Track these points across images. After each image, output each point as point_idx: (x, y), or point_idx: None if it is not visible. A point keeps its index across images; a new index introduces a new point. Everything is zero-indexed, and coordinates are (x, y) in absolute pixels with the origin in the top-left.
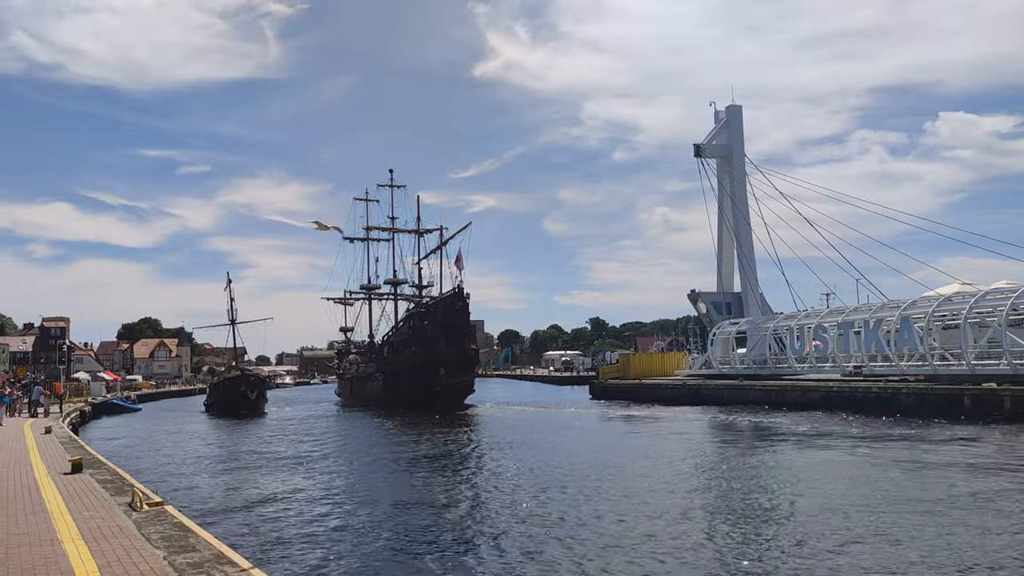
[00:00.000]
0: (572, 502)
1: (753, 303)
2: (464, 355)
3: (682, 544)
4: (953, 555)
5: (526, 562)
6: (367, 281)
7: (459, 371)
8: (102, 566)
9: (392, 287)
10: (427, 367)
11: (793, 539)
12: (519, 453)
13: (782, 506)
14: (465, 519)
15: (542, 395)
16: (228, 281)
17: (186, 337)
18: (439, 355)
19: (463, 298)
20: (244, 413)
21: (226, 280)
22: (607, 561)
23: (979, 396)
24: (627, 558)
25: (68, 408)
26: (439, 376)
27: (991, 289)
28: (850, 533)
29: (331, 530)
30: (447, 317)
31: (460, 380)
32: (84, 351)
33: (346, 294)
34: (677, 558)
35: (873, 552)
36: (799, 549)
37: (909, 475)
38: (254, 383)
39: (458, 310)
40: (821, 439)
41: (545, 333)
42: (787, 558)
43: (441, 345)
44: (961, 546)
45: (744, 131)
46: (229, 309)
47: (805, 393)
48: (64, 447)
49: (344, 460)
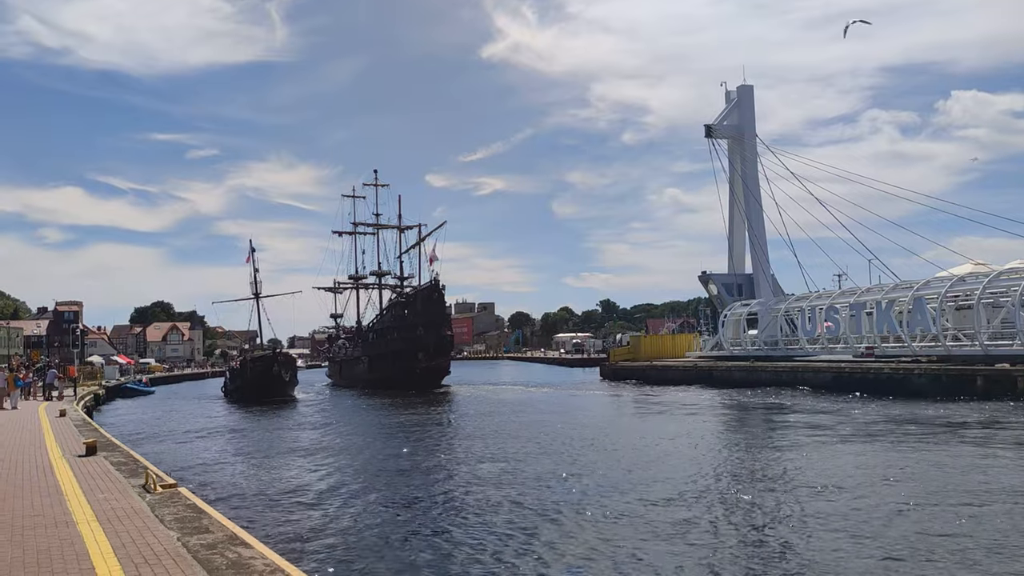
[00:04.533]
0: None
1: (764, 284)
2: (440, 341)
3: (670, 529)
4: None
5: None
6: (355, 272)
7: (436, 355)
8: (116, 547)
9: (377, 278)
10: (408, 352)
11: (812, 536)
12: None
13: (795, 494)
14: (455, 491)
15: (553, 377)
16: (251, 250)
17: (198, 320)
18: (418, 341)
19: (439, 289)
20: (275, 398)
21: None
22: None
23: (992, 376)
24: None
25: (82, 391)
26: (418, 360)
27: (1005, 269)
28: (868, 525)
29: (343, 510)
30: (425, 306)
31: (437, 363)
32: (97, 335)
33: (335, 284)
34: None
35: (893, 542)
36: (816, 541)
37: (928, 458)
38: (286, 363)
39: (435, 300)
40: (832, 420)
41: (556, 315)
42: (808, 552)
43: (420, 332)
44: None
45: (755, 111)
46: (253, 282)
47: (817, 374)
48: (78, 430)
49: (350, 442)
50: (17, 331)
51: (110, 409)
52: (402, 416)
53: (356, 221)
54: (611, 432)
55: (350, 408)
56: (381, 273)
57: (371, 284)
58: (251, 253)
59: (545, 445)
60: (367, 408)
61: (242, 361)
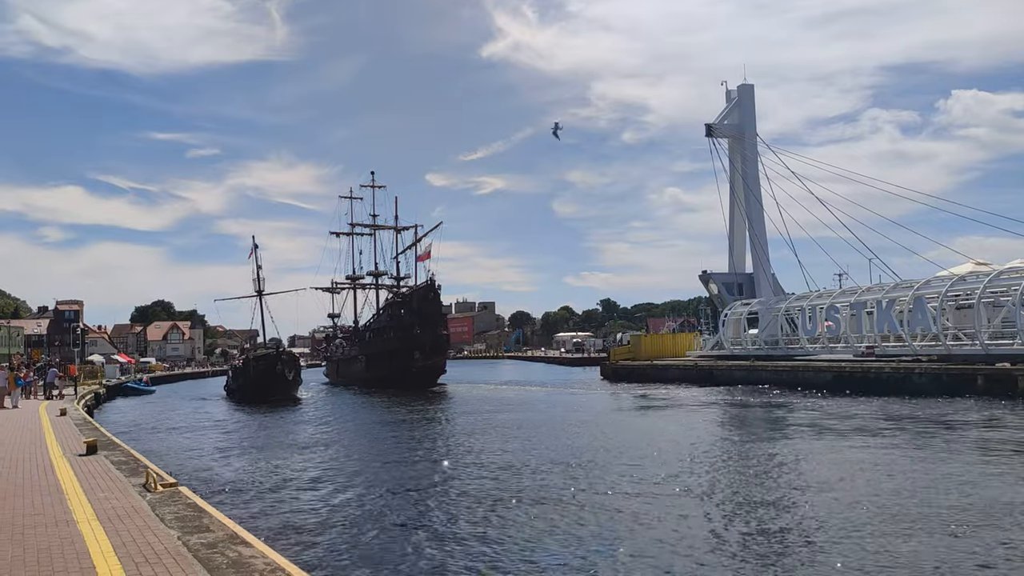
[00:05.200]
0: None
1: (765, 283)
2: (436, 340)
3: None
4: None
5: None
6: (352, 272)
7: (432, 354)
8: (117, 546)
9: (374, 278)
10: (404, 350)
11: (812, 531)
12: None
13: (795, 495)
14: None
15: (553, 376)
16: (254, 246)
17: (199, 320)
18: (415, 340)
19: (435, 289)
20: (278, 398)
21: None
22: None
23: (993, 376)
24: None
25: (83, 390)
26: (414, 359)
27: (1005, 268)
28: (867, 523)
29: (343, 508)
30: (421, 306)
31: (433, 362)
32: (98, 334)
33: (332, 284)
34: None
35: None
36: (816, 541)
37: (928, 457)
38: (290, 361)
39: (430, 300)
40: (833, 420)
41: (556, 315)
42: (807, 551)
43: (416, 331)
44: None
45: (755, 110)
46: (256, 279)
47: (817, 374)
48: (79, 429)
49: (350, 441)
50: (18, 330)
51: (111, 408)
52: (401, 415)
53: (353, 222)
54: (610, 431)
55: (349, 406)
56: (378, 273)
57: (368, 284)
58: (254, 249)
59: (545, 443)
60: (365, 406)
61: (245, 360)
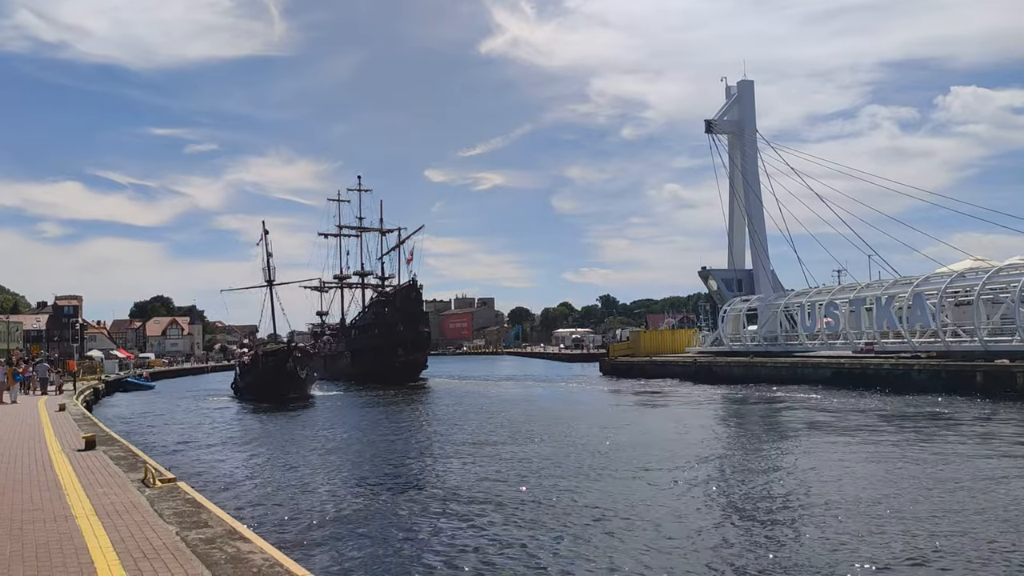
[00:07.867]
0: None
1: (764, 280)
2: (418, 337)
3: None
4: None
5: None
6: (339, 272)
7: (414, 350)
8: (115, 542)
9: (360, 277)
10: (387, 347)
11: (812, 531)
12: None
13: (793, 492)
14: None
15: (552, 372)
16: (264, 232)
17: (198, 315)
18: (397, 337)
19: (417, 289)
20: (292, 397)
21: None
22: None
23: (992, 372)
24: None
25: (82, 386)
26: (397, 355)
27: (1004, 265)
28: (865, 519)
29: (342, 503)
30: (404, 305)
31: (415, 357)
32: (97, 329)
33: (321, 282)
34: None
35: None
36: (817, 541)
37: (927, 453)
38: (303, 358)
39: (412, 299)
40: (831, 416)
41: (555, 311)
42: (807, 552)
43: (399, 328)
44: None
45: (755, 106)
46: (266, 267)
47: (816, 370)
48: (78, 424)
49: (348, 436)
50: (17, 325)
51: (110, 403)
52: (398, 412)
53: (341, 224)
54: (609, 426)
55: (345, 404)
56: (364, 273)
57: (355, 283)
58: (263, 236)
59: (544, 440)
60: (365, 405)
61: (253, 356)
